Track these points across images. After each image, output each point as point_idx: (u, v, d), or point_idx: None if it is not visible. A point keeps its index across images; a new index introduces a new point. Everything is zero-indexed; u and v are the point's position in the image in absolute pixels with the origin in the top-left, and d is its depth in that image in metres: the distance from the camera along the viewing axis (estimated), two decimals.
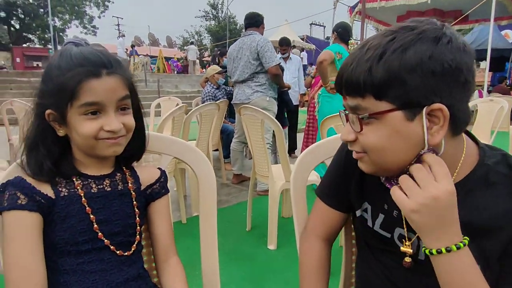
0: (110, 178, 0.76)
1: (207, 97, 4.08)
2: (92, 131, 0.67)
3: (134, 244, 0.75)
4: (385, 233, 0.67)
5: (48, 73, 0.68)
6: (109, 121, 0.67)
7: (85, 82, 0.65)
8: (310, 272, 0.76)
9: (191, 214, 2.74)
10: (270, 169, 2.31)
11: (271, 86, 3.25)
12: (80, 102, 0.65)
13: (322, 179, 0.80)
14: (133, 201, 0.76)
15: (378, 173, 0.62)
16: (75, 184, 0.71)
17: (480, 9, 6.77)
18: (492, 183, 0.58)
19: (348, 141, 0.61)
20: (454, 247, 0.52)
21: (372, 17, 8.81)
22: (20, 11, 24.12)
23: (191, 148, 0.90)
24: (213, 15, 33.50)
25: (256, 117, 2.34)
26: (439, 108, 0.52)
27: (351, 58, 0.57)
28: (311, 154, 0.90)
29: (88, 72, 0.65)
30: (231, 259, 2.08)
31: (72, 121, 0.67)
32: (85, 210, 0.70)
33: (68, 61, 0.66)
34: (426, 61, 0.51)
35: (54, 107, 0.67)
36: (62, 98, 0.65)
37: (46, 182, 0.69)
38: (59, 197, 0.69)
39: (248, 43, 3.15)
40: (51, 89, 0.67)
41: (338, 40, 3.22)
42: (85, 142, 0.68)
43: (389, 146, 0.55)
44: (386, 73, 0.52)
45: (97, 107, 0.67)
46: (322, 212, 0.78)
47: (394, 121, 0.54)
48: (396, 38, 0.52)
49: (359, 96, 0.55)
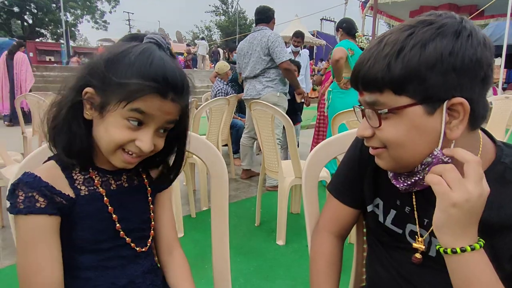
0: (127, 172, 0.72)
1: (219, 93, 4.07)
2: (123, 139, 0.62)
3: (149, 239, 0.74)
4: (397, 229, 0.67)
5: (116, 59, 0.61)
6: (145, 138, 0.62)
7: (149, 96, 0.60)
8: (322, 268, 0.76)
9: (200, 209, 2.76)
10: (280, 164, 2.31)
11: (282, 81, 3.23)
12: (133, 106, 0.60)
13: (334, 176, 0.80)
14: (148, 196, 0.75)
15: (396, 169, 0.61)
16: (94, 182, 0.67)
17: (496, 4, 6.60)
18: (508, 182, 0.57)
19: (364, 137, 0.60)
20: (468, 248, 0.51)
21: (384, 12, 8.67)
22: (33, 6, 24.48)
23: (205, 142, 0.90)
24: (223, 10, 33.45)
25: (267, 112, 2.33)
26: (459, 102, 0.51)
27: (368, 54, 0.56)
28: (322, 150, 0.89)
29: (158, 90, 0.60)
30: (239, 253, 2.10)
31: (111, 118, 0.61)
32: (107, 209, 0.67)
33: (145, 67, 0.60)
34: (447, 57, 0.50)
35: (100, 91, 0.61)
36: (116, 92, 0.60)
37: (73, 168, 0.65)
38: (79, 196, 0.65)
39: (259, 39, 3.13)
40: (110, 77, 0.60)
41: (346, 36, 3.17)
42: (106, 144, 0.63)
43: (408, 141, 0.55)
44: (405, 69, 0.51)
45: (144, 119, 0.62)
46: (334, 209, 0.78)
47: (414, 115, 0.53)
48: (415, 33, 0.51)
49: (377, 91, 0.55)
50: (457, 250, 0.51)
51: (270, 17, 3.26)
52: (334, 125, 1.94)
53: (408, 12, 8.20)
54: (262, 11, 3.27)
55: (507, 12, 6.43)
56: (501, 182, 0.58)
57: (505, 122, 3.18)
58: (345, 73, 3.07)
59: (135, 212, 0.72)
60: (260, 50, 3.12)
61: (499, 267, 0.55)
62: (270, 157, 2.42)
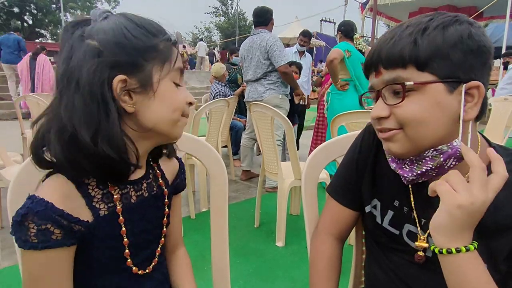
0: (146, 179, 0.65)
1: (218, 95, 4.09)
2: (184, 101, 0.59)
3: (156, 258, 0.68)
4: (394, 229, 0.67)
5: (119, 31, 0.53)
6: (187, 93, 0.60)
7: (173, 49, 0.58)
8: (321, 271, 0.76)
9: (199, 210, 2.76)
10: (279, 166, 2.31)
11: (284, 83, 3.24)
12: (176, 66, 0.58)
13: (334, 178, 0.80)
14: (165, 199, 0.69)
15: (409, 152, 0.59)
16: (113, 197, 0.58)
17: (495, 6, 6.62)
18: (505, 183, 0.58)
19: (380, 118, 0.59)
20: (463, 249, 0.52)
21: (383, 13, 8.70)
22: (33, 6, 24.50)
23: (204, 144, 0.91)
24: (223, 12, 33.49)
25: (266, 114, 2.34)
26: (476, 85, 0.54)
27: (390, 34, 0.58)
28: (322, 152, 0.89)
29: (174, 40, 0.58)
30: (239, 255, 2.10)
31: (162, 87, 0.56)
32: (120, 231, 0.59)
33: (148, 23, 0.56)
34: (466, 39, 0.54)
35: (134, 69, 0.53)
36: (152, 58, 0.55)
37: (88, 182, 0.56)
38: (99, 218, 0.56)
39: (258, 43, 3.14)
40: (135, 46, 0.53)
41: (344, 38, 3.21)
42: (171, 114, 0.58)
43: (430, 117, 0.55)
44: (431, 45, 0.54)
45: (181, 77, 0.60)
46: (334, 211, 0.78)
47: (436, 92, 0.54)
48: (435, 19, 0.56)
49: (400, 67, 0.56)
50: (452, 251, 0.52)
51: (268, 19, 3.25)
52: (333, 127, 1.94)
53: (407, 14, 8.23)
54: (260, 14, 3.25)
55: (506, 13, 6.44)
56: None
57: (504, 123, 3.18)
58: (342, 74, 3.09)
59: (151, 225, 0.66)
60: (260, 54, 3.13)
61: (495, 268, 0.56)
62: (270, 158, 2.43)
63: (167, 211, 0.69)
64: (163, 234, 0.70)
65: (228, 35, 28.82)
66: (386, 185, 0.68)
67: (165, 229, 0.70)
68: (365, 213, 0.73)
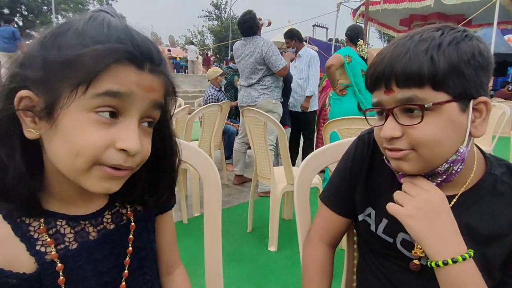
0: (109, 209, 0.54)
1: (210, 99, 4.11)
2: (97, 144, 0.42)
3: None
4: (388, 238, 0.67)
5: (55, 35, 0.42)
6: (127, 134, 0.43)
7: (120, 65, 0.41)
8: (313, 276, 0.77)
9: (192, 215, 2.75)
10: (272, 171, 2.32)
11: (277, 88, 3.26)
12: (100, 89, 0.41)
13: (327, 185, 0.81)
14: (130, 235, 0.56)
15: (422, 171, 0.59)
16: (65, 237, 0.48)
17: (483, 14, 6.77)
18: (500, 193, 0.60)
19: (392, 138, 0.57)
20: (460, 258, 0.53)
21: (375, 19, 8.81)
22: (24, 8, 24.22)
23: (197, 150, 0.91)
24: (216, 15, 33.56)
25: (259, 119, 2.35)
26: (484, 101, 0.55)
27: (401, 48, 0.54)
28: (315, 159, 0.91)
29: (128, 56, 0.42)
30: (231, 260, 2.09)
31: (68, 117, 0.41)
32: (58, 280, 0.47)
33: (101, 31, 0.42)
34: (477, 55, 0.53)
35: (42, 87, 0.41)
36: (66, 76, 0.40)
37: (29, 222, 0.45)
38: (45, 264, 0.45)
39: (251, 50, 3.13)
40: (51, 59, 0.41)
41: (349, 43, 3.23)
42: (72, 161, 0.42)
43: (444, 138, 0.54)
44: (447, 63, 0.52)
45: (120, 104, 0.42)
46: (326, 218, 0.79)
47: (451, 112, 0.53)
48: (446, 33, 0.54)
49: (416, 86, 0.53)
50: (449, 262, 0.53)
51: (255, 28, 3.15)
52: (325, 133, 1.95)
53: (398, 20, 8.37)
54: (246, 29, 3.13)
55: (494, 21, 6.59)
56: (493, 193, 0.60)
57: (492, 129, 3.24)
58: (342, 79, 3.10)
59: (110, 265, 0.53)
60: (254, 61, 3.12)
61: (490, 275, 0.57)
62: (263, 163, 2.43)
63: (130, 250, 0.56)
64: (124, 278, 0.55)
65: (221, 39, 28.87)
66: (380, 194, 0.68)
67: (127, 271, 0.55)
68: (359, 221, 0.74)
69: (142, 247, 0.58)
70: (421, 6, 7.05)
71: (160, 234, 0.65)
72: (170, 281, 0.70)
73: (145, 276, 0.61)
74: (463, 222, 0.58)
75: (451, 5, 6.85)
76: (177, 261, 0.72)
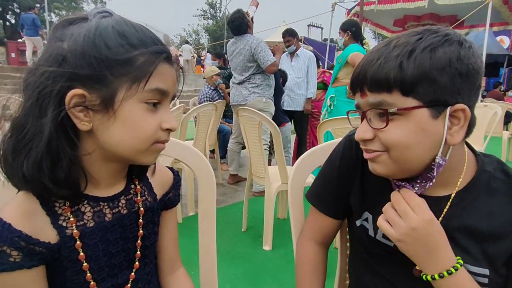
0: (126, 195, 0.60)
1: (204, 98, 4.11)
2: (154, 127, 0.52)
3: (129, 284, 0.61)
4: (388, 242, 0.66)
5: (99, 35, 0.48)
6: (168, 116, 0.54)
7: (161, 65, 0.51)
8: (306, 275, 0.77)
9: (187, 214, 2.75)
10: (266, 170, 2.33)
11: (268, 86, 3.26)
12: (151, 86, 0.50)
13: (314, 186, 0.80)
14: (140, 219, 0.62)
15: (395, 174, 0.60)
16: (85, 214, 0.54)
17: (475, 15, 6.84)
18: (494, 190, 0.60)
19: (364, 140, 0.59)
20: (453, 270, 0.54)
21: (369, 20, 8.85)
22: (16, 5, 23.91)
23: (192, 150, 0.91)
24: (211, 15, 33.44)
25: (254, 118, 2.35)
26: (462, 108, 0.54)
27: (376, 54, 0.56)
28: (309, 158, 0.91)
29: (166, 55, 0.52)
30: (226, 259, 2.10)
31: (127, 108, 0.49)
32: (79, 255, 0.53)
33: (136, 33, 0.50)
34: (455, 62, 0.52)
35: (96, 84, 0.48)
36: (122, 73, 0.48)
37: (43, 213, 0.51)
38: (65, 237, 0.52)
39: (241, 47, 3.16)
40: (108, 58, 0.47)
41: (354, 40, 3.04)
42: (136, 143, 0.51)
43: (414, 143, 0.54)
44: (417, 69, 0.52)
45: (162, 97, 0.53)
46: (317, 219, 0.79)
47: (420, 118, 0.53)
48: (423, 38, 0.54)
49: (385, 91, 0.54)
50: (444, 274, 0.54)
51: (245, 27, 3.18)
52: (319, 132, 1.97)
53: (392, 21, 8.41)
54: (235, 28, 3.16)
55: (486, 22, 6.67)
56: (487, 191, 0.60)
57: (484, 129, 3.28)
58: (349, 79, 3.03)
59: (125, 246, 0.60)
60: (244, 58, 3.15)
61: (495, 271, 0.58)
62: (257, 163, 2.44)
63: (142, 232, 0.62)
64: (137, 258, 0.62)
65: (216, 38, 28.79)
66: (377, 199, 0.67)
67: (139, 252, 0.62)
68: (357, 227, 0.72)
69: (146, 235, 0.63)
70: (414, 6, 7.07)
71: (164, 230, 0.70)
72: (175, 279, 0.73)
73: (146, 268, 0.65)
74: (462, 223, 0.59)
75: (443, 6, 6.91)
76: (179, 260, 0.75)
